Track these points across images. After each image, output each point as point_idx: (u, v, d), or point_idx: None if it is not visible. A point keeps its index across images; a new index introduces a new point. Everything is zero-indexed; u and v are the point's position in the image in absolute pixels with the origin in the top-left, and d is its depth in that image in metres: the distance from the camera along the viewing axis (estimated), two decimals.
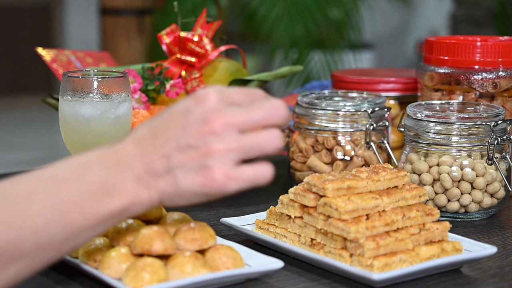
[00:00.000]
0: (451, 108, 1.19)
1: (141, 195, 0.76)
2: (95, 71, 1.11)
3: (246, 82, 1.35)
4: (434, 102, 1.20)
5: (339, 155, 1.22)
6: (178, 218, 0.92)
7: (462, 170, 1.11)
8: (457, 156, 1.12)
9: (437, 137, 1.12)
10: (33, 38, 6.28)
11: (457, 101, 1.21)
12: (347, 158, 1.22)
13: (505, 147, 1.14)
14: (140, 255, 0.85)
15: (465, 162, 1.11)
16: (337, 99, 1.29)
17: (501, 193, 1.13)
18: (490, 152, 1.11)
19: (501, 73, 1.22)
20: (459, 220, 1.13)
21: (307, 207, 0.93)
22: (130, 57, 3.44)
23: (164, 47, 1.37)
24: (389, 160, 1.24)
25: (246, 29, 3.58)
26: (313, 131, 1.23)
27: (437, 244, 0.92)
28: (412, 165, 1.14)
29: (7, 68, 6.34)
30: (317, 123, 1.23)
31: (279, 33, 3.29)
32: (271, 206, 0.99)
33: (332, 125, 1.22)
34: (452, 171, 1.11)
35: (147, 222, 0.93)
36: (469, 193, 1.11)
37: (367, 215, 0.90)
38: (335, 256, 0.89)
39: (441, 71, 1.25)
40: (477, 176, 1.11)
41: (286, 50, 3.31)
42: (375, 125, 1.21)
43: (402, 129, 1.18)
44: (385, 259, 0.87)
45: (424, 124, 1.13)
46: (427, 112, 1.13)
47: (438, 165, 1.12)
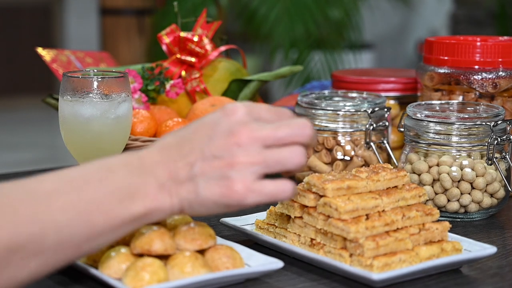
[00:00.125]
0: (451, 108, 1.19)
1: (163, 201, 0.77)
2: (95, 71, 1.11)
3: (246, 82, 1.35)
4: (434, 102, 1.20)
5: (339, 155, 1.22)
6: (178, 218, 0.92)
7: (462, 170, 1.11)
8: (457, 156, 1.12)
9: (437, 137, 1.12)
10: (33, 38, 6.28)
11: (457, 101, 1.22)
12: (347, 158, 1.22)
13: (504, 147, 1.14)
14: (140, 255, 0.85)
15: (465, 162, 1.11)
16: (337, 99, 1.29)
17: (501, 193, 1.13)
18: (490, 152, 1.11)
19: (501, 73, 1.23)
20: (458, 220, 1.13)
21: (307, 207, 0.93)
22: (130, 57, 3.44)
23: (164, 47, 1.37)
24: (389, 160, 1.24)
25: (246, 29, 3.57)
26: None
27: (436, 244, 0.92)
28: (412, 165, 1.14)
29: (7, 68, 6.34)
30: (317, 123, 1.23)
31: (279, 33, 3.29)
32: (271, 206, 0.99)
33: (332, 125, 1.22)
34: (452, 171, 1.11)
35: None
36: (469, 193, 1.11)
37: (367, 215, 0.90)
38: (335, 256, 0.89)
39: (441, 71, 1.25)
40: (477, 176, 1.11)
41: (286, 50, 3.31)
42: (375, 125, 1.21)
43: (402, 129, 1.18)
44: (385, 259, 0.87)
45: (424, 124, 1.13)
46: (427, 112, 1.13)
47: (438, 165, 1.12)
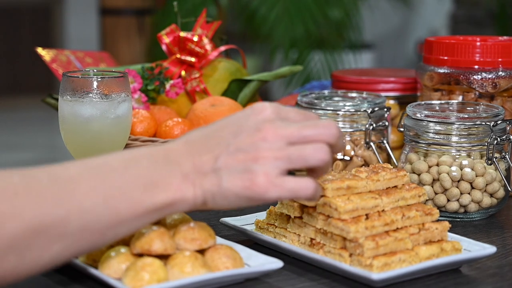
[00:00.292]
0: (450, 108, 1.19)
1: (187, 191, 0.78)
2: (95, 71, 1.11)
3: (246, 82, 1.35)
4: (433, 102, 1.20)
5: (339, 155, 1.22)
6: (177, 218, 0.92)
7: (461, 170, 1.11)
8: (457, 156, 1.12)
9: (436, 137, 1.12)
10: (33, 38, 6.28)
11: (456, 101, 1.22)
12: (347, 158, 1.22)
13: (504, 147, 1.14)
14: (140, 255, 0.85)
15: (464, 162, 1.11)
16: (336, 99, 1.29)
17: (501, 193, 1.13)
18: (489, 152, 1.11)
19: (500, 73, 1.23)
20: (458, 220, 1.13)
21: (306, 207, 0.93)
22: (130, 57, 3.44)
23: (164, 47, 1.37)
24: (388, 160, 1.24)
25: (246, 29, 3.57)
26: None
27: (436, 243, 0.92)
28: (411, 165, 1.14)
29: (7, 68, 6.34)
30: None
31: (279, 33, 3.29)
32: (270, 206, 0.99)
33: None
34: (451, 171, 1.11)
35: None
36: (469, 193, 1.11)
37: (366, 215, 0.90)
38: (335, 256, 0.89)
39: (441, 71, 1.25)
40: (476, 176, 1.11)
41: (286, 50, 3.31)
42: (374, 125, 1.21)
43: (402, 129, 1.18)
44: (385, 258, 0.87)
45: (424, 124, 1.13)
46: (426, 112, 1.13)
47: (437, 165, 1.12)
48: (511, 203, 1.21)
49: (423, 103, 1.19)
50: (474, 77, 1.23)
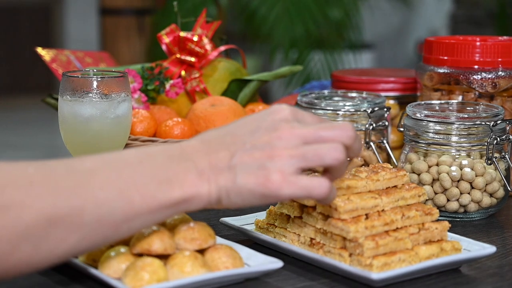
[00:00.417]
0: (450, 108, 1.19)
1: (202, 188, 0.78)
2: (95, 71, 1.11)
3: (246, 82, 1.35)
4: (433, 102, 1.20)
5: None
6: (177, 218, 0.92)
7: (461, 169, 1.11)
8: (457, 156, 1.12)
9: (436, 137, 1.12)
10: (32, 38, 6.28)
11: (456, 101, 1.22)
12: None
13: (504, 147, 1.14)
14: (140, 254, 0.85)
15: (464, 162, 1.11)
16: (336, 99, 1.29)
17: (500, 192, 1.13)
18: (489, 151, 1.11)
19: (500, 73, 1.23)
20: (458, 219, 1.13)
21: (306, 206, 0.93)
22: (130, 57, 3.44)
23: (163, 47, 1.37)
24: (388, 160, 1.24)
25: (246, 29, 3.57)
26: None
27: (436, 243, 0.92)
28: (411, 164, 1.14)
29: (7, 68, 6.34)
30: None
31: (279, 33, 3.29)
32: (270, 206, 0.99)
33: None
34: (451, 171, 1.11)
35: None
36: (468, 193, 1.11)
37: (366, 214, 0.90)
38: (335, 255, 0.89)
39: (441, 71, 1.25)
40: (476, 176, 1.11)
41: (286, 50, 3.31)
42: (374, 125, 1.21)
43: (402, 129, 1.18)
44: (384, 258, 0.87)
45: (424, 124, 1.13)
46: (426, 112, 1.13)
47: (437, 164, 1.12)
48: (510, 203, 1.21)
49: (423, 103, 1.19)
50: (474, 77, 1.23)
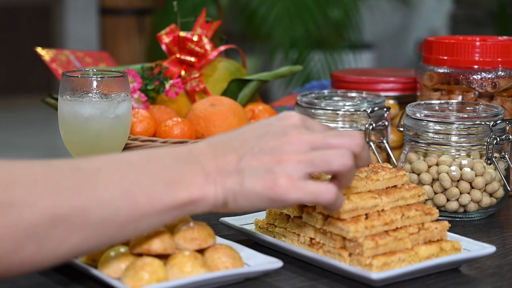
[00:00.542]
0: (450, 108, 1.19)
1: (208, 190, 0.78)
2: (94, 70, 1.11)
3: (246, 82, 1.35)
4: (433, 102, 1.20)
5: None
6: None
7: (461, 169, 1.11)
8: (456, 156, 1.12)
9: (436, 136, 1.12)
10: (32, 38, 6.28)
11: (456, 100, 1.22)
12: None
13: (504, 147, 1.14)
14: (139, 254, 0.85)
15: (464, 162, 1.11)
16: (336, 99, 1.29)
17: (500, 192, 1.13)
18: (489, 151, 1.11)
19: (500, 73, 1.23)
20: (458, 219, 1.13)
21: (306, 206, 0.93)
22: (129, 57, 3.44)
23: (163, 47, 1.37)
24: (388, 159, 1.24)
25: (246, 29, 3.58)
26: None
27: (436, 243, 0.92)
28: (411, 164, 1.14)
29: (7, 68, 6.34)
30: None
31: (279, 33, 3.29)
32: None
33: (331, 125, 1.22)
34: (451, 171, 1.11)
35: None
36: (468, 193, 1.11)
37: (366, 214, 0.90)
38: (334, 255, 0.89)
39: (440, 71, 1.25)
40: (476, 176, 1.11)
41: (286, 50, 3.31)
42: (374, 124, 1.21)
43: (402, 129, 1.18)
44: (384, 258, 0.87)
45: (423, 123, 1.13)
46: (426, 112, 1.13)
47: (437, 164, 1.12)
48: (510, 203, 1.21)
49: (422, 103, 1.19)
50: (474, 77, 1.23)
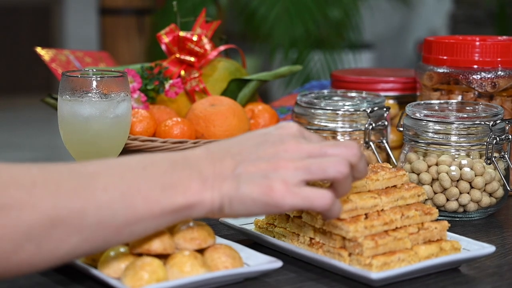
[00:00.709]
0: (450, 108, 1.19)
1: (205, 195, 0.79)
2: (94, 70, 1.11)
3: (245, 81, 1.35)
4: (433, 101, 1.20)
5: None
6: None
7: (461, 169, 1.11)
8: (456, 156, 1.12)
9: (436, 136, 1.12)
10: (32, 38, 6.28)
11: (456, 100, 1.22)
12: None
13: (503, 147, 1.14)
14: (139, 254, 0.85)
15: (464, 162, 1.11)
16: (336, 98, 1.29)
17: (500, 192, 1.13)
18: (488, 151, 1.11)
19: (500, 72, 1.23)
20: (457, 219, 1.13)
21: None
22: (129, 57, 3.44)
23: (163, 47, 1.37)
24: (388, 159, 1.24)
25: (245, 29, 3.58)
26: (312, 131, 1.23)
27: (435, 243, 0.92)
28: (411, 164, 1.14)
29: (7, 68, 6.34)
30: (316, 122, 1.23)
31: (279, 33, 3.29)
32: None
33: (331, 125, 1.22)
34: (451, 171, 1.11)
35: None
36: (468, 193, 1.11)
37: (365, 214, 0.90)
38: (334, 255, 0.90)
39: (440, 70, 1.25)
40: (475, 176, 1.11)
41: (286, 50, 3.31)
42: (374, 124, 1.21)
43: (401, 129, 1.18)
44: (384, 258, 0.87)
45: (423, 123, 1.13)
46: (426, 112, 1.13)
47: (437, 164, 1.12)
48: (510, 203, 1.21)
49: (422, 102, 1.19)
50: (473, 76, 1.23)
